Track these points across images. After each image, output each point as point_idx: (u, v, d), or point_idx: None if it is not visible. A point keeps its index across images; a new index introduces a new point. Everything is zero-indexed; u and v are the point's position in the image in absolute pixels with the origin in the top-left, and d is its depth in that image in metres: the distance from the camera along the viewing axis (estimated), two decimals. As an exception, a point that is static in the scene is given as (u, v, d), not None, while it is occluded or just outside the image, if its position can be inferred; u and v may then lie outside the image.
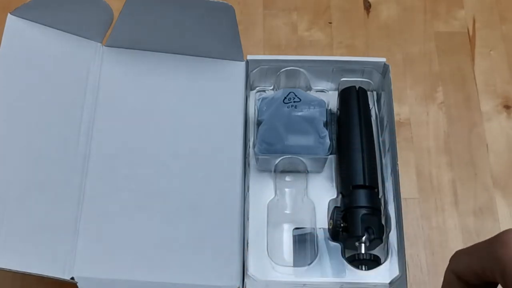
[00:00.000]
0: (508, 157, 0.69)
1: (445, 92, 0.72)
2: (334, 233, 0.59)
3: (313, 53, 0.73)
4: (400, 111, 0.71)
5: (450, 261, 0.39)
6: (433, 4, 0.77)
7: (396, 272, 0.58)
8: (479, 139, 0.70)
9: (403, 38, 0.75)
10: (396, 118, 0.71)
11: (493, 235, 0.57)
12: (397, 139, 0.67)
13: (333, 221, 0.59)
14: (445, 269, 0.61)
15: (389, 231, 0.59)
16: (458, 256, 0.39)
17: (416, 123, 0.71)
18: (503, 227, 0.65)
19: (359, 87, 0.65)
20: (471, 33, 0.75)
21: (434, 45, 0.75)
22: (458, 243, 0.65)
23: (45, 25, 0.62)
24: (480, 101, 0.72)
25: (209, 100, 0.65)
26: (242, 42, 0.64)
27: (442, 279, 0.64)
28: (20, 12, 0.60)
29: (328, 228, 0.60)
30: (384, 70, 0.65)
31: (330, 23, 0.76)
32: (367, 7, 0.77)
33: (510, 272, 0.35)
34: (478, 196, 0.67)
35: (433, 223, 0.66)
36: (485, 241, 0.38)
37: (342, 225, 0.58)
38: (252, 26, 0.75)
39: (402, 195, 0.59)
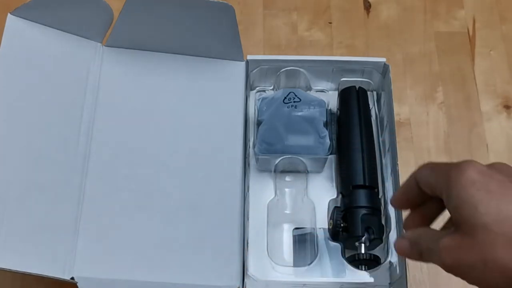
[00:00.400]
0: (508, 157, 0.69)
1: (445, 92, 0.72)
2: (334, 233, 0.59)
3: (313, 53, 0.73)
4: (400, 111, 0.71)
5: (417, 169, 0.44)
6: (433, 4, 0.77)
7: (396, 273, 0.57)
8: (479, 139, 0.70)
9: (403, 38, 0.75)
10: (396, 118, 0.71)
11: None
12: (397, 139, 0.67)
13: (333, 221, 0.59)
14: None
15: (389, 231, 0.59)
16: (423, 167, 0.44)
17: (416, 123, 0.71)
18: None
19: (359, 87, 0.65)
20: (471, 33, 0.75)
21: (434, 45, 0.75)
22: (458, 243, 0.65)
23: (45, 25, 0.62)
24: (480, 101, 0.72)
25: (209, 100, 0.65)
26: (242, 42, 0.64)
27: (442, 279, 0.64)
28: (20, 12, 0.60)
29: (328, 228, 0.60)
30: (384, 70, 0.65)
31: (330, 23, 0.76)
32: (367, 7, 0.77)
33: (453, 192, 0.40)
34: (478, 196, 0.67)
35: (433, 223, 0.66)
36: (449, 163, 0.42)
37: (342, 225, 0.58)
38: (252, 26, 0.75)
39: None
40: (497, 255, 0.38)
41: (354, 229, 0.57)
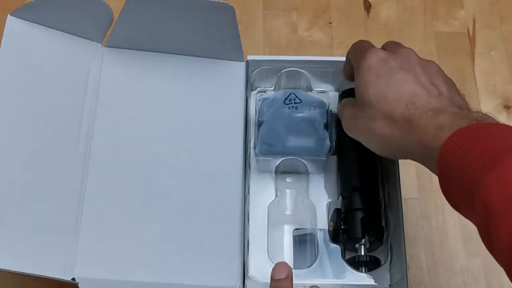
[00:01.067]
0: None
1: (445, 92, 0.72)
2: (335, 235, 0.59)
3: (313, 53, 0.73)
4: (400, 111, 0.71)
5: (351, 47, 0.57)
6: (433, 4, 0.77)
7: (396, 274, 0.57)
8: (479, 139, 0.70)
9: (403, 38, 0.75)
10: (396, 118, 0.71)
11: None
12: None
13: (333, 223, 0.59)
14: (445, 269, 0.63)
15: (390, 233, 0.59)
16: (351, 47, 0.57)
17: (416, 123, 0.71)
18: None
19: None
20: (471, 33, 0.75)
21: (434, 45, 0.75)
22: (458, 243, 0.65)
23: (45, 25, 0.62)
24: (480, 101, 0.72)
25: (209, 100, 0.65)
26: (242, 42, 0.64)
27: (442, 279, 0.65)
28: (20, 13, 0.60)
29: (329, 230, 0.60)
30: None
31: (330, 23, 0.76)
32: (367, 7, 0.77)
33: (357, 73, 0.53)
34: (478, 196, 0.67)
35: (433, 223, 0.66)
36: (363, 48, 0.55)
37: (342, 227, 0.58)
38: (252, 26, 0.75)
39: (402, 195, 0.59)
40: (376, 125, 0.50)
41: (354, 231, 0.57)
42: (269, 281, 0.54)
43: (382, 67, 0.51)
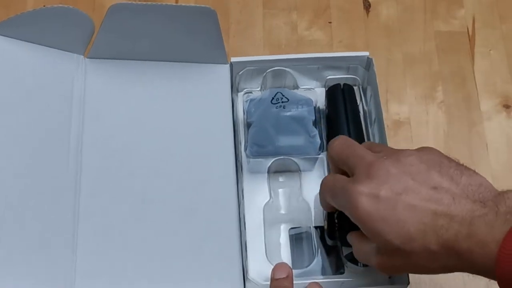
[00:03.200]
0: (508, 156, 0.69)
1: (445, 92, 0.72)
2: (330, 233, 0.59)
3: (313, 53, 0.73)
4: (400, 110, 0.71)
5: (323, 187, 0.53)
6: (433, 4, 0.77)
7: None
8: (479, 139, 0.70)
9: (403, 37, 0.75)
10: (395, 117, 0.71)
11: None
12: (397, 139, 0.68)
13: (327, 221, 0.59)
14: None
15: None
16: (325, 189, 0.52)
17: (416, 122, 0.71)
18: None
19: (344, 84, 0.65)
20: (471, 32, 0.75)
21: (434, 44, 0.75)
22: (458, 243, 0.65)
23: (24, 40, 0.61)
24: (480, 101, 0.72)
25: (196, 105, 0.65)
26: (241, 41, 0.64)
27: (442, 278, 0.64)
28: None
29: (324, 228, 0.60)
30: (368, 64, 0.65)
31: (330, 22, 0.76)
32: (367, 6, 0.77)
33: (358, 223, 0.47)
34: (478, 195, 0.67)
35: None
36: (343, 188, 0.48)
37: (337, 223, 0.58)
38: (252, 26, 0.75)
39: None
40: (420, 267, 0.45)
41: (349, 226, 0.57)
42: (269, 282, 0.54)
43: (380, 207, 0.45)
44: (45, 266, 0.55)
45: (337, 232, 0.58)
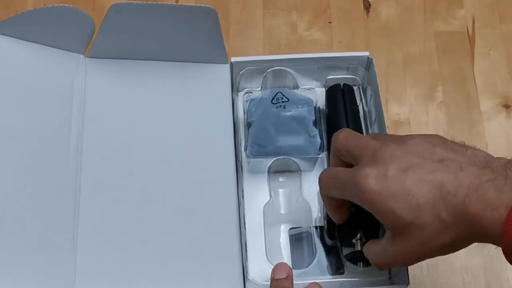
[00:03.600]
0: (507, 156, 0.69)
1: (444, 92, 0.72)
2: (330, 232, 0.59)
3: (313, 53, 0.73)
4: (400, 110, 0.71)
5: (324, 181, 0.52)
6: (433, 4, 0.77)
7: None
8: (478, 139, 0.70)
9: (403, 37, 0.75)
10: (395, 117, 0.71)
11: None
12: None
13: (327, 220, 0.59)
14: (445, 269, 0.63)
15: None
16: (325, 182, 0.52)
17: (416, 122, 0.71)
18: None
19: (344, 84, 0.65)
20: (470, 32, 0.75)
21: (434, 44, 0.75)
22: (457, 243, 0.65)
23: (25, 40, 0.61)
24: (479, 101, 0.72)
25: (196, 105, 0.65)
26: (241, 41, 0.64)
27: (441, 278, 0.65)
28: None
29: (324, 228, 0.60)
30: (368, 64, 0.65)
31: (330, 22, 0.76)
32: (367, 6, 0.77)
33: (366, 206, 0.46)
34: (478, 195, 0.67)
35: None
36: (348, 173, 0.48)
37: (337, 224, 0.58)
38: (252, 26, 0.75)
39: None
40: (433, 242, 0.44)
41: (348, 227, 0.57)
42: (269, 282, 0.54)
43: (389, 186, 0.45)
44: (45, 266, 0.55)
45: (336, 232, 0.58)
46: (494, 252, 0.63)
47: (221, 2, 0.75)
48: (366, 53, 0.65)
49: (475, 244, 0.64)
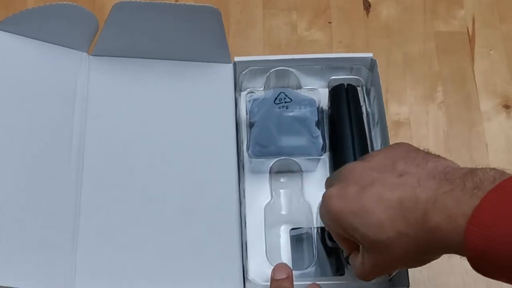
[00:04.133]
0: (507, 156, 0.69)
1: (444, 92, 0.72)
2: (330, 233, 0.59)
3: (313, 53, 0.73)
4: (400, 111, 0.71)
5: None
6: (433, 4, 0.77)
7: None
8: (478, 139, 0.70)
9: (403, 38, 0.75)
10: (396, 118, 0.71)
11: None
12: (397, 139, 0.67)
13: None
14: (445, 269, 0.63)
15: None
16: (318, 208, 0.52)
17: (416, 123, 0.71)
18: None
19: (348, 85, 0.65)
20: (470, 32, 0.75)
21: (434, 45, 0.75)
22: (457, 243, 0.65)
23: (29, 37, 0.61)
24: (479, 101, 0.72)
25: (199, 104, 0.65)
26: (241, 41, 0.65)
27: (441, 279, 0.65)
28: (2, 26, 0.59)
29: (326, 229, 0.60)
30: (372, 65, 0.65)
31: (330, 22, 0.76)
32: (367, 7, 0.77)
33: (337, 227, 0.48)
34: (478, 195, 0.67)
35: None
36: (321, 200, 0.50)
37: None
38: (252, 26, 0.75)
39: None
40: (399, 254, 0.44)
41: None
42: (269, 283, 0.54)
43: (347, 201, 0.46)
44: (45, 265, 0.55)
45: None
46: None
47: (221, 2, 0.75)
48: (370, 54, 0.65)
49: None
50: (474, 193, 0.40)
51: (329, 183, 0.51)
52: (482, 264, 0.40)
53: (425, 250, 0.44)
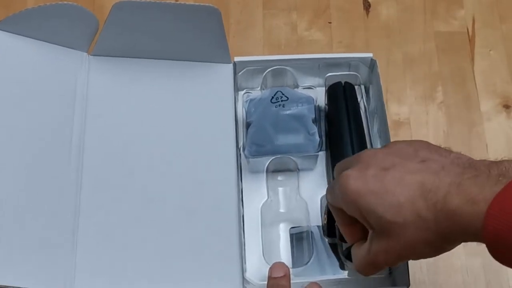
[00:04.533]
0: (507, 156, 0.69)
1: (444, 92, 0.72)
2: (329, 229, 0.58)
3: (313, 53, 0.73)
4: (400, 111, 0.71)
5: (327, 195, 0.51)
6: (433, 4, 0.77)
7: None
8: (478, 139, 0.70)
9: (403, 38, 0.75)
10: (395, 117, 0.71)
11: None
12: (397, 139, 0.67)
13: (326, 217, 0.58)
14: (445, 268, 0.64)
15: None
16: (326, 191, 0.51)
17: (416, 123, 0.71)
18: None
19: (345, 82, 0.65)
20: (470, 33, 0.75)
21: (434, 45, 0.75)
22: (457, 243, 0.65)
23: (29, 37, 0.61)
24: (479, 101, 0.72)
25: (199, 104, 0.65)
26: (241, 41, 0.64)
27: (441, 278, 0.65)
28: (2, 26, 0.59)
29: (323, 224, 0.60)
30: (372, 65, 0.65)
31: (330, 22, 0.76)
32: (367, 7, 0.77)
33: (352, 208, 0.46)
34: (478, 195, 0.67)
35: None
36: (332, 182, 0.49)
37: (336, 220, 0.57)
38: (252, 26, 0.75)
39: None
40: (415, 238, 0.43)
41: None
42: (265, 282, 0.54)
43: (368, 183, 0.45)
44: (45, 265, 0.55)
45: (336, 227, 0.57)
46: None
47: (221, 2, 0.75)
48: (370, 54, 0.65)
49: (475, 244, 0.64)
50: (499, 180, 0.40)
51: (343, 167, 0.49)
52: (500, 250, 0.39)
53: (443, 236, 0.42)
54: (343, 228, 0.51)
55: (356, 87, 0.66)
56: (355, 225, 0.49)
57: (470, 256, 0.64)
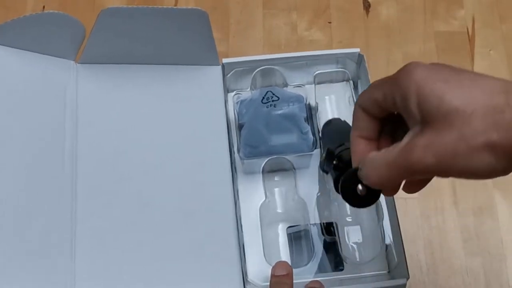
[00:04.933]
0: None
1: (444, 92, 0.72)
2: (328, 159, 0.55)
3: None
4: (400, 110, 0.71)
5: (357, 99, 0.43)
6: (433, 4, 0.77)
7: (393, 259, 0.57)
8: (478, 139, 0.70)
9: (403, 38, 0.75)
10: (395, 117, 0.71)
11: (493, 235, 0.58)
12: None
13: (326, 155, 0.56)
14: (444, 269, 0.63)
15: (382, 218, 0.59)
16: (365, 91, 0.43)
17: (415, 122, 0.71)
18: (503, 227, 0.65)
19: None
20: (470, 32, 0.75)
21: (434, 45, 0.75)
22: (457, 243, 0.65)
23: (15, 47, 0.61)
24: (479, 101, 0.72)
25: (190, 107, 0.65)
26: (241, 41, 0.64)
27: (441, 278, 0.64)
28: None
29: (320, 161, 0.59)
30: (359, 60, 0.65)
31: (330, 22, 0.76)
32: (367, 7, 0.77)
33: (410, 93, 0.39)
34: (478, 195, 0.67)
35: (433, 222, 0.66)
36: (389, 76, 0.41)
37: (334, 162, 0.53)
38: (252, 26, 0.75)
39: (402, 195, 0.59)
40: (478, 132, 0.36)
41: (348, 158, 0.46)
42: (268, 283, 0.54)
43: (441, 72, 0.39)
44: (44, 271, 0.55)
45: (333, 171, 0.54)
46: (494, 252, 0.63)
47: (221, 2, 0.75)
48: (357, 49, 0.65)
49: (474, 244, 0.64)
50: None
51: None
52: None
53: (506, 145, 0.36)
54: (357, 141, 0.44)
55: (344, 82, 0.66)
56: (370, 140, 0.44)
57: (470, 256, 0.64)
